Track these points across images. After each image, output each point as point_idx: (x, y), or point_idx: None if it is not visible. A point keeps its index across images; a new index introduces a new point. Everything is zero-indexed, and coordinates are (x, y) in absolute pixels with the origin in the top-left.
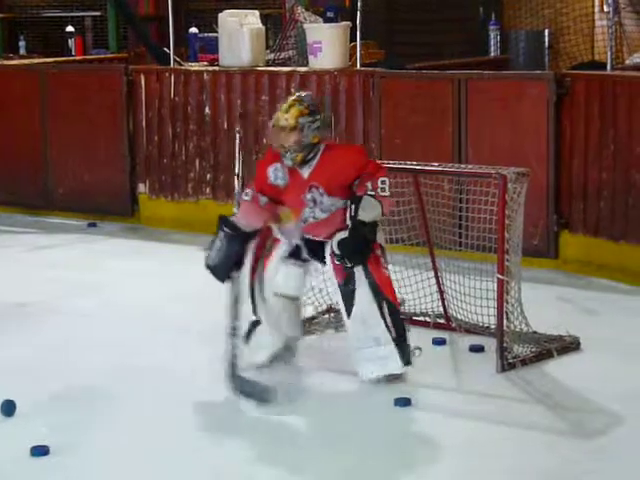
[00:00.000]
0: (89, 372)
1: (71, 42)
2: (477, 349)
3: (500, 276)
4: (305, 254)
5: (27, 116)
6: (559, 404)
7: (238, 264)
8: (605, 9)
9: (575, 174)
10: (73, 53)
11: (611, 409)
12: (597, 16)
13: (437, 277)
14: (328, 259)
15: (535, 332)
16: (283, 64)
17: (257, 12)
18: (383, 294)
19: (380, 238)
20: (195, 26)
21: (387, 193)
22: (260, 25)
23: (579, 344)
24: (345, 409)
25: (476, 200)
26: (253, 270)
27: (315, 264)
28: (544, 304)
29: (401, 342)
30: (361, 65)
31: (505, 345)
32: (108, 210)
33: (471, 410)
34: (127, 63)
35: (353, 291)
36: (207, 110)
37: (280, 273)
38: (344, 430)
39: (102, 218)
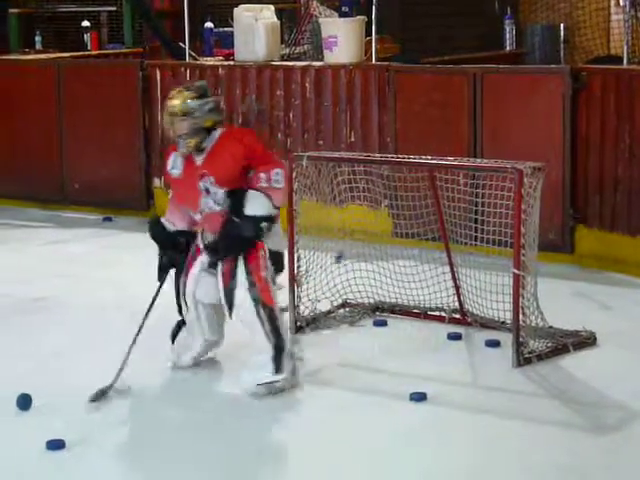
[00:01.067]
0: (105, 366)
1: (87, 37)
2: (493, 344)
3: (516, 271)
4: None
5: (43, 111)
6: (575, 399)
7: (169, 266)
8: (621, 3)
9: (591, 168)
10: (89, 48)
11: (627, 404)
12: (613, 10)
13: (453, 272)
14: (219, 263)
15: (551, 327)
16: (298, 59)
17: (272, 6)
18: (261, 299)
19: (276, 243)
20: (210, 21)
21: (280, 185)
22: (275, 19)
23: (595, 339)
24: (360, 403)
25: (492, 195)
26: (181, 273)
27: None
28: (560, 299)
29: (277, 350)
30: (376, 59)
31: (521, 340)
32: (123, 204)
33: (487, 405)
34: (142, 58)
35: (233, 294)
36: (222, 105)
37: (201, 282)
38: (358, 424)
39: (117, 212)
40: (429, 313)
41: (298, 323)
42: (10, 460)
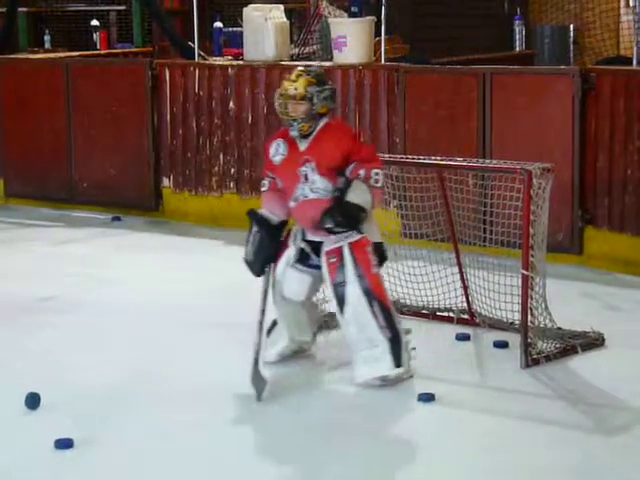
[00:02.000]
0: (113, 366)
1: (96, 36)
2: (501, 345)
3: (524, 272)
4: (313, 260)
5: (52, 110)
6: (583, 400)
7: (271, 258)
8: (631, 3)
9: (600, 169)
10: (98, 47)
11: (635, 405)
12: (623, 11)
13: (461, 272)
14: (323, 258)
15: (559, 328)
16: (307, 58)
17: (282, 6)
18: (374, 294)
19: (374, 235)
20: (220, 20)
21: (380, 185)
22: (284, 19)
23: (604, 340)
24: (368, 403)
25: (501, 195)
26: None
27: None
28: (568, 300)
29: (395, 344)
30: (386, 60)
31: (529, 341)
32: (132, 204)
33: (495, 406)
34: (152, 57)
35: (344, 289)
36: (231, 104)
37: (286, 278)
38: (366, 425)
39: (126, 212)
40: (437, 314)
41: None
42: (19, 459)
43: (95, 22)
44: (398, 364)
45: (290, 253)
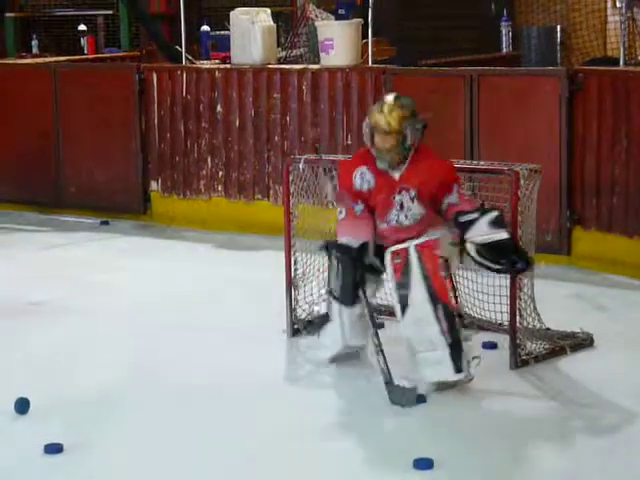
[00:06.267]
0: (102, 371)
1: (83, 41)
2: (490, 346)
3: None
4: (377, 264)
5: (40, 114)
6: (572, 401)
7: (359, 283)
8: (617, 4)
9: (588, 170)
10: (85, 52)
11: (624, 406)
12: (609, 12)
13: (450, 274)
14: (388, 259)
15: (548, 329)
16: (295, 62)
17: (269, 10)
18: (438, 297)
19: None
20: (207, 24)
21: (467, 196)
22: (272, 23)
23: (592, 341)
24: (357, 405)
25: (488, 196)
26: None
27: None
28: (557, 301)
29: (456, 349)
30: (373, 62)
31: (518, 342)
32: (120, 208)
33: (484, 407)
34: (139, 61)
35: (408, 290)
36: (219, 108)
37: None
38: (356, 426)
39: (114, 216)
40: None
41: (295, 325)
42: (8, 464)
43: (82, 27)
44: (459, 369)
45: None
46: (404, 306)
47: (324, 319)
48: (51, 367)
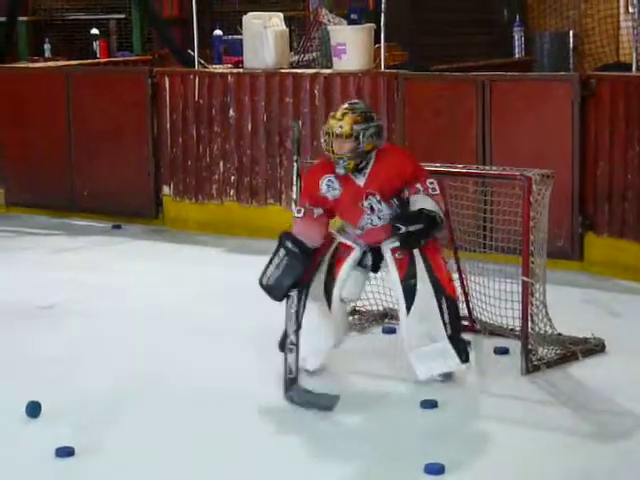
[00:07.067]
0: (113, 374)
1: (96, 45)
2: (502, 351)
3: (525, 278)
4: (368, 261)
5: (52, 118)
6: (583, 406)
7: (297, 283)
8: (630, 10)
9: (600, 175)
10: (98, 56)
11: (635, 411)
12: (622, 17)
13: (462, 279)
14: (389, 255)
15: (560, 334)
16: (307, 66)
17: (281, 14)
18: (444, 289)
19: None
20: (219, 28)
21: (438, 192)
22: (284, 27)
23: (604, 346)
24: (370, 410)
25: (501, 202)
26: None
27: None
28: (569, 306)
29: (456, 339)
30: (385, 67)
31: (530, 347)
32: (132, 212)
33: (495, 412)
34: (151, 65)
35: (414, 287)
36: (231, 112)
37: (351, 279)
38: (368, 430)
39: (126, 220)
40: None
41: None
42: (19, 468)
43: (95, 31)
44: (465, 359)
45: (355, 256)
46: (410, 301)
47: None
48: (62, 370)
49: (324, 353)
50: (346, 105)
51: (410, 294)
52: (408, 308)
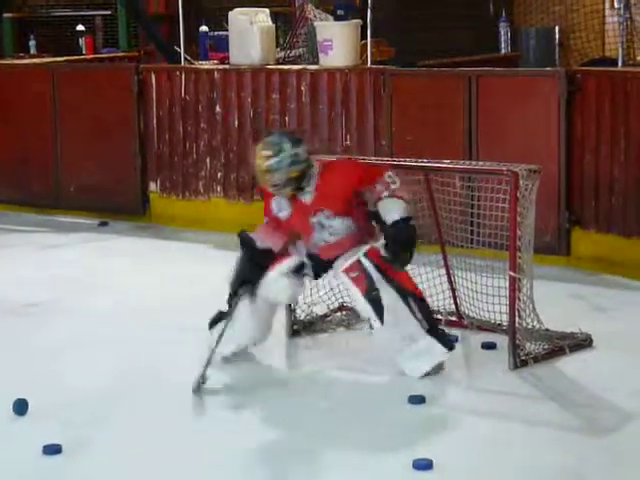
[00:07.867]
0: (101, 372)
1: (81, 41)
2: (489, 346)
3: (512, 273)
4: (307, 270)
5: (38, 115)
6: (571, 401)
7: (248, 282)
8: (616, 5)
9: (586, 170)
10: (84, 52)
11: (623, 406)
12: (608, 12)
13: (449, 274)
14: (344, 278)
15: (547, 329)
16: (294, 62)
17: (267, 10)
18: (407, 289)
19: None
20: (205, 24)
21: (397, 185)
22: (270, 23)
23: (591, 341)
24: (357, 405)
25: (487, 197)
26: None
27: (308, 279)
28: (556, 301)
29: (435, 330)
30: (372, 63)
31: (517, 342)
32: (119, 209)
33: (483, 407)
34: (138, 62)
35: (379, 296)
36: (218, 108)
37: (278, 285)
38: (356, 426)
39: (113, 217)
40: None
41: (295, 326)
42: (6, 465)
43: (80, 27)
44: (451, 347)
45: (290, 263)
46: (380, 311)
47: (221, 313)
48: (49, 368)
49: (240, 346)
50: (263, 141)
51: (377, 304)
52: (381, 318)
